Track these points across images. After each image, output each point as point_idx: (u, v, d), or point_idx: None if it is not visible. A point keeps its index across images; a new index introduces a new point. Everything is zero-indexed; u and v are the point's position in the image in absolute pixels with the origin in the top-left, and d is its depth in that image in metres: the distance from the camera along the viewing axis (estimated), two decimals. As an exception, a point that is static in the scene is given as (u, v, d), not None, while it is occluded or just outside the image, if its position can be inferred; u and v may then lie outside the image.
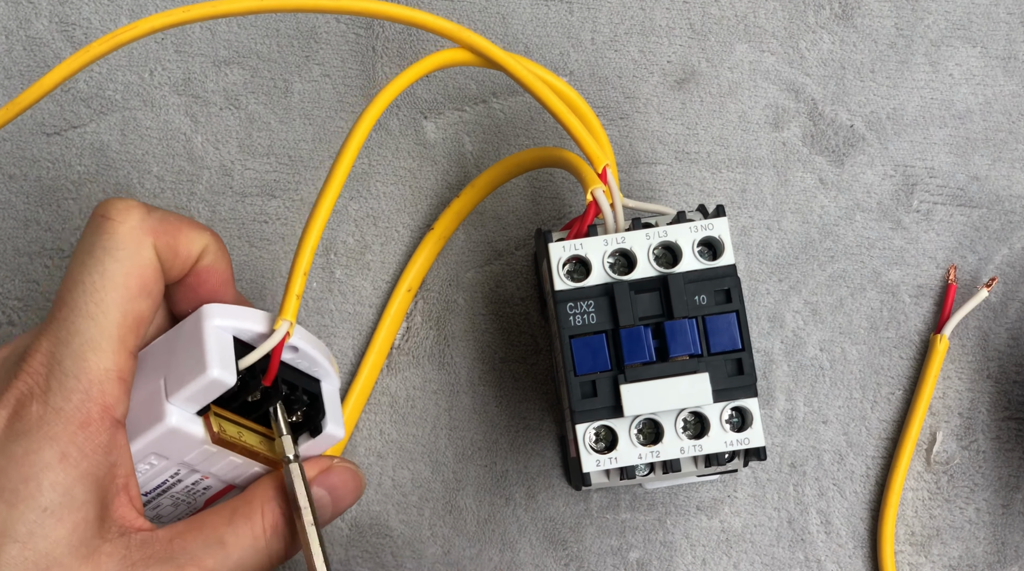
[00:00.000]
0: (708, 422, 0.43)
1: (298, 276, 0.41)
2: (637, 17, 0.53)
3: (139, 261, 0.39)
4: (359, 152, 0.52)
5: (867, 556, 0.51)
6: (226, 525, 0.39)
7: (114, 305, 0.38)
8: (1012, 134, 0.53)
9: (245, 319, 0.40)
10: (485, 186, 0.51)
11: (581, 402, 0.43)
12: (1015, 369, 0.52)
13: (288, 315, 0.40)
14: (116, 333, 0.38)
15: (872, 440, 0.52)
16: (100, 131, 0.52)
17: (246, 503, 0.40)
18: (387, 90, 0.44)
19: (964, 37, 0.53)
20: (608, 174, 0.44)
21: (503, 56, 0.45)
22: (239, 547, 0.39)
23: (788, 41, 0.53)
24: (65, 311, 0.38)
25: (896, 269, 0.52)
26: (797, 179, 0.53)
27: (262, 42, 0.53)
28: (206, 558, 0.38)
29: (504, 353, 0.52)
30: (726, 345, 0.43)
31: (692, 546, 0.51)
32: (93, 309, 0.38)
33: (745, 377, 0.43)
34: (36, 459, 0.36)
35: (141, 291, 0.39)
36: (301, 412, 0.43)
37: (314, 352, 0.42)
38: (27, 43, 0.52)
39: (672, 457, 0.43)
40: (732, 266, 0.43)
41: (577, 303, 0.43)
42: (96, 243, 0.39)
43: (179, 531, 0.38)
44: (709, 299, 0.43)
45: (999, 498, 0.51)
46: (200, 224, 0.41)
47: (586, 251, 0.43)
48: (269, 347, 0.40)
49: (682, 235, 0.43)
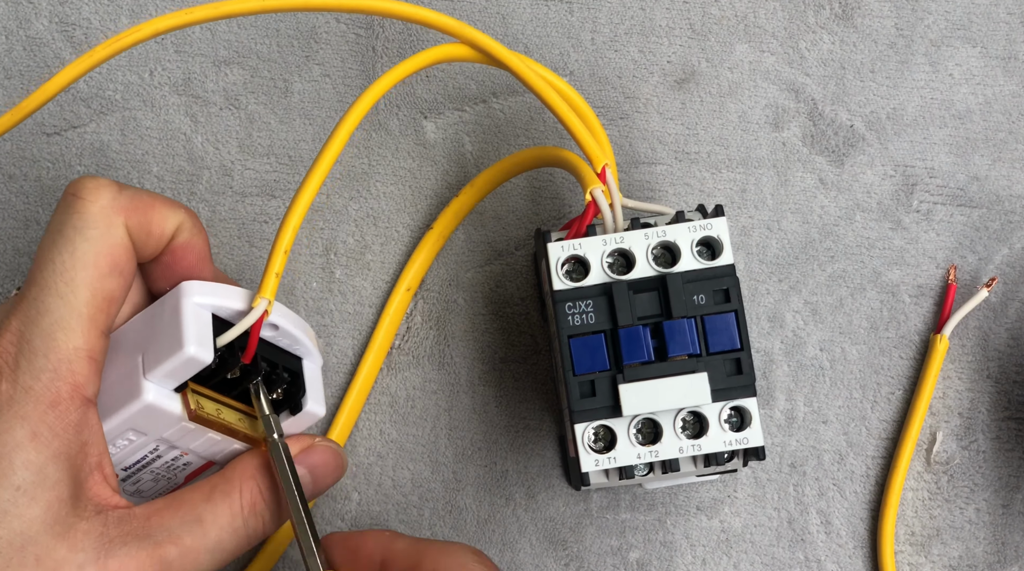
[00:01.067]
0: (707, 422, 0.43)
1: (278, 254, 0.41)
2: (637, 17, 0.53)
3: (109, 240, 0.38)
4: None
5: (867, 556, 0.51)
6: (204, 502, 0.39)
7: (84, 284, 0.38)
8: (1012, 134, 0.53)
9: (224, 297, 0.41)
10: (484, 186, 0.51)
11: (580, 402, 0.43)
12: (1015, 369, 0.52)
13: (266, 293, 0.41)
14: (86, 312, 0.38)
15: (872, 440, 0.52)
16: (100, 131, 0.52)
17: (225, 481, 0.40)
18: (384, 79, 0.44)
19: (964, 37, 0.53)
20: (607, 174, 0.44)
21: (505, 52, 0.45)
22: (217, 525, 0.39)
23: (788, 41, 0.53)
24: (35, 290, 0.38)
25: (896, 269, 0.52)
26: (797, 179, 0.53)
27: (262, 42, 0.53)
28: (184, 535, 0.38)
29: (504, 353, 0.52)
30: (725, 345, 0.43)
31: (692, 546, 0.51)
32: (63, 288, 0.38)
33: (744, 377, 0.43)
34: (7, 439, 0.36)
35: (112, 270, 0.38)
36: (282, 390, 0.42)
37: (295, 330, 0.42)
38: (27, 43, 0.52)
39: (671, 457, 0.43)
40: (731, 266, 0.43)
41: (576, 303, 0.43)
42: (66, 222, 0.38)
43: (157, 508, 0.38)
44: (708, 299, 0.43)
45: (999, 498, 0.51)
46: (174, 201, 0.41)
47: (585, 251, 0.43)
48: (247, 325, 0.40)
49: (681, 235, 0.43)
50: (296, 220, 0.41)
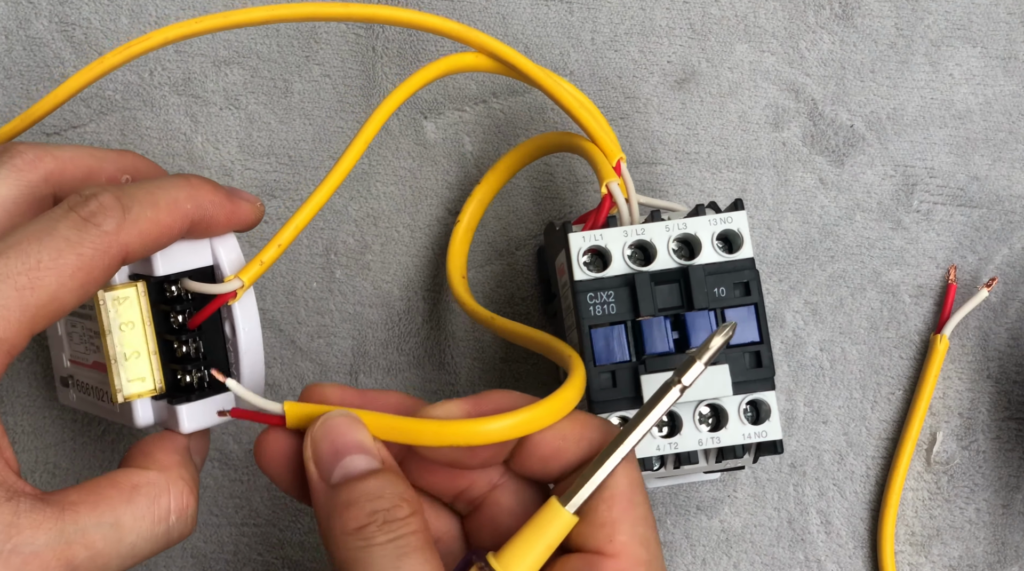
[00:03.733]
0: (725, 415, 0.43)
1: (271, 246, 0.42)
2: (637, 17, 0.53)
3: (112, 270, 0.38)
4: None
5: (867, 556, 0.51)
6: (125, 504, 0.37)
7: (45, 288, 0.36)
8: (1012, 134, 0.53)
9: (229, 259, 0.41)
10: (506, 170, 0.51)
11: (601, 393, 0.43)
12: (1015, 369, 0.52)
13: (244, 276, 0.41)
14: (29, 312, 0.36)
15: (872, 440, 0.52)
16: (100, 131, 0.52)
17: (149, 482, 0.38)
18: (407, 83, 0.45)
19: (964, 37, 0.53)
20: (623, 168, 0.45)
21: (530, 66, 0.46)
22: (135, 531, 0.37)
23: (788, 41, 0.53)
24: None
25: (896, 269, 0.52)
26: (797, 179, 0.53)
27: (262, 42, 0.53)
28: (97, 539, 0.36)
29: (504, 353, 0.52)
30: (745, 337, 0.43)
31: (692, 546, 0.51)
32: (22, 282, 0.35)
33: (764, 370, 0.43)
34: None
35: (80, 288, 0.37)
36: (199, 378, 0.41)
37: (245, 344, 0.41)
38: (27, 43, 0.52)
39: (690, 449, 0.43)
40: (751, 259, 0.43)
41: (597, 293, 0.43)
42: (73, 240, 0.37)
43: (72, 501, 0.36)
44: (728, 291, 0.43)
45: (999, 498, 0.51)
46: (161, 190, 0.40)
47: (606, 242, 0.43)
48: (208, 291, 0.40)
49: (701, 228, 0.43)
50: (302, 221, 0.42)
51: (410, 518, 0.36)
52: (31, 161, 0.40)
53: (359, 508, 0.36)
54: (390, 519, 0.36)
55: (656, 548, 0.38)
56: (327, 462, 0.37)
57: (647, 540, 0.37)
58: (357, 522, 0.36)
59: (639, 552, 0.37)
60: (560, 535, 0.37)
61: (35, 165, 0.40)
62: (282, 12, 0.44)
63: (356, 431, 0.38)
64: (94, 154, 0.41)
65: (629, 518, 0.37)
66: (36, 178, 0.40)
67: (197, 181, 0.40)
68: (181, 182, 0.39)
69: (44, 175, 0.40)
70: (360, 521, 0.36)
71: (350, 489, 0.37)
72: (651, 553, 0.37)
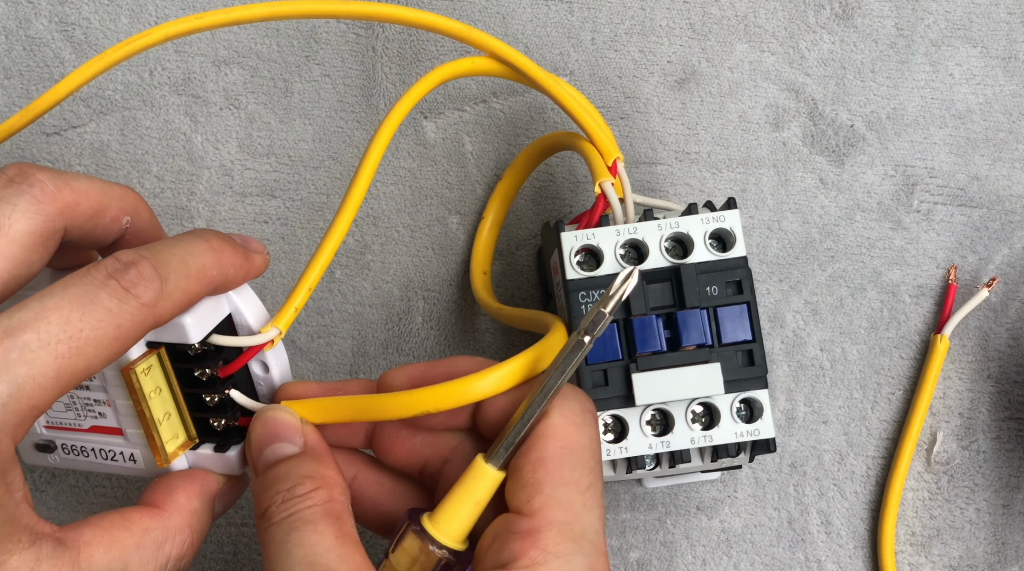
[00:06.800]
0: (718, 413, 0.43)
1: (301, 290, 0.41)
2: (637, 17, 0.53)
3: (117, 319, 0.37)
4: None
5: (867, 556, 0.51)
6: (134, 549, 0.38)
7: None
8: (1012, 134, 0.53)
9: (249, 308, 0.41)
10: (522, 167, 0.51)
11: (593, 391, 0.43)
12: (1015, 369, 0.52)
13: (280, 324, 0.40)
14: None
15: (872, 440, 0.52)
16: (100, 131, 0.52)
17: (159, 527, 0.39)
18: (415, 89, 0.45)
19: (964, 37, 0.53)
20: (619, 167, 0.45)
21: (531, 66, 0.46)
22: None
23: (788, 41, 0.53)
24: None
25: (896, 269, 0.52)
26: (797, 179, 0.53)
27: (262, 42, 0.52)
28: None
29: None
30: (737, 336, 0.43)
31: (692, 546, 0.51)
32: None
33: (756, 368, 0.43)
34: None
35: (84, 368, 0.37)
36: (223, 423, 0.41)
37: (283, 379, 0.42)
38: (27, 43, 0.52)
39: (682, 447, 0.43)
40: (743, 258, 0.43)
41: (589, 292, 0.43)
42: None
43: (87, 542, 0.37)
44: (720, 290, 0.43)
45: (999, 498, 0.51)
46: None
47: (598, 241, 0.43)
48: (247, 343, 0.40)
49: (694, 227, 0.43)
50: (325, 259, 0.41)
51: (311, 493, 0.37)
52: (52, 194, 0.39)
53: (266, 492, 0.38)
54: (288, 498, 0.37)
55: (582, 512, 0.37)
56: (255, 455, 0.39)
57: (569, 503, 0.37)
58: (262, 506, 0.38)
59: (555, 514, 0.37)
60: (487, 492, 0.38)
61: (55, 198, 0.39)
62: (284, 9, 0.44)
63: (281, 422, 0.39)
64: (103, 190, 0.40)
65: (552, 479, 0.37)
66: (54, 211, 0.39)
67: (218, 243, 0.39)
68: (204, 246, 0.39)
69: (61, 209, 0.39)
70: (263, 504, 0.38)
71: (264, 476, 0.39)
72: (570, 515, 0.37)
